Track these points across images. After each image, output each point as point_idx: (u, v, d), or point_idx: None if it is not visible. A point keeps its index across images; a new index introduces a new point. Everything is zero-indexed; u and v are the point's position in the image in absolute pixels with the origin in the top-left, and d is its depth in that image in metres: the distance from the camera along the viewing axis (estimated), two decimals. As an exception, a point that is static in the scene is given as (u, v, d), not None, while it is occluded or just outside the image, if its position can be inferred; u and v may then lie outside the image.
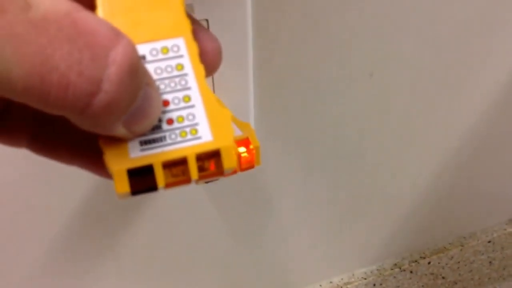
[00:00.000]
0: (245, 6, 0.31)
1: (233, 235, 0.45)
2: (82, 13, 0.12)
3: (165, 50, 0.15)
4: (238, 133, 0.28)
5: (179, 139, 0.15)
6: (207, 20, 0.31)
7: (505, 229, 0.61)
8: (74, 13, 0.12)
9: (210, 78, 0.33)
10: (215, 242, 0.45)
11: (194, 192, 0.40)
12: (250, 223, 0.45)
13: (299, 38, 0.35)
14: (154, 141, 0.15)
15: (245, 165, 0.28)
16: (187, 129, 0.15)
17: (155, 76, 0.15)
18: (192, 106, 0.16)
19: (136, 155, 0.15)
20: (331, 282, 0.55)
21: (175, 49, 0.15)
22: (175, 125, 0.15)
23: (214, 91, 0.34)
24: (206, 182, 0.40)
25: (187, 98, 0.16)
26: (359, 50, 0.38)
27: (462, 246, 0.59)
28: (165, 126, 0.15)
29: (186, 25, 0.16)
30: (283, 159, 0.42)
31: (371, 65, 0.39)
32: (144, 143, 0.15)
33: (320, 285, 0.54)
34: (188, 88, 0.16)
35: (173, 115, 0.15)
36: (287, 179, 0.44)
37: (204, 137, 0.16)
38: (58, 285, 0.40)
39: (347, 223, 0.51)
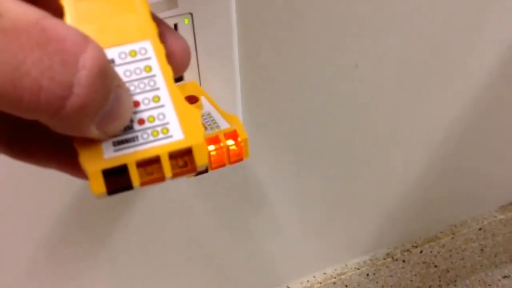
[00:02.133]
0: (229, -1, 0.31)
1: (225, 229, 0.45)
2: (51, 21, 0.13)
3: (133, 53, 0.16)
4: (226, 126, 0.28)
5: (151, 138, 0.16)
6: (191, 14, 0.31)
7: (495, 216, 0.61)
8: (43, 20, 0.12)
9: (196, 72, 0.33)
10: (207, 236, 0.45)
11: (185, 186, 0.40)
12: (242, 216, 0.46)
13: (284, 30, 0.35)
14: (127, 141, 0.15)
15: (234, 158, 0.28)
16: (159, 128, 0.16)
17: (124, 79, 0.16)
18: (162, 106, 0.16)
19: (110, 156, 0.15)
20: (324, 273, 0.55)
21: (143, 51, 0.16)
22: (147, 124, 0.16)
23: (200, 85, 0.34)
24: (196, 175, 0.40)
25: (157, 98, 0.16)
26: (344, 41, 0.38)
27: (453, 234, 0.60)
28: (136, 126, 0.16)
29: (152, 28, 0.16)
30: (273, 151, 0.42)
31: (356, 56, 0.39)
32: (117, 143, 0.15)
33: (314, 277, 0.55)
34: (157, 89, 0.16)
35: (144, 115, 0.16)
36: (277, 171, 0.44)
37: (176, 135, 0.16)
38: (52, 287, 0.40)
39: (339, 214, 0.51)
